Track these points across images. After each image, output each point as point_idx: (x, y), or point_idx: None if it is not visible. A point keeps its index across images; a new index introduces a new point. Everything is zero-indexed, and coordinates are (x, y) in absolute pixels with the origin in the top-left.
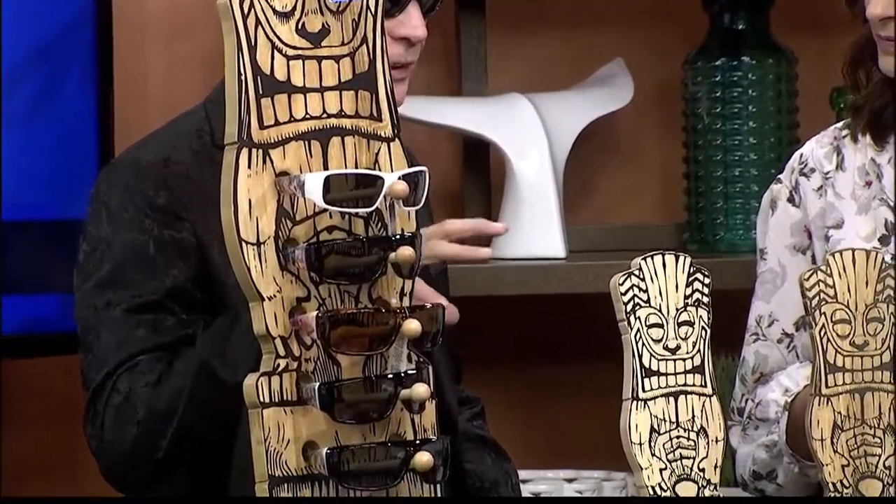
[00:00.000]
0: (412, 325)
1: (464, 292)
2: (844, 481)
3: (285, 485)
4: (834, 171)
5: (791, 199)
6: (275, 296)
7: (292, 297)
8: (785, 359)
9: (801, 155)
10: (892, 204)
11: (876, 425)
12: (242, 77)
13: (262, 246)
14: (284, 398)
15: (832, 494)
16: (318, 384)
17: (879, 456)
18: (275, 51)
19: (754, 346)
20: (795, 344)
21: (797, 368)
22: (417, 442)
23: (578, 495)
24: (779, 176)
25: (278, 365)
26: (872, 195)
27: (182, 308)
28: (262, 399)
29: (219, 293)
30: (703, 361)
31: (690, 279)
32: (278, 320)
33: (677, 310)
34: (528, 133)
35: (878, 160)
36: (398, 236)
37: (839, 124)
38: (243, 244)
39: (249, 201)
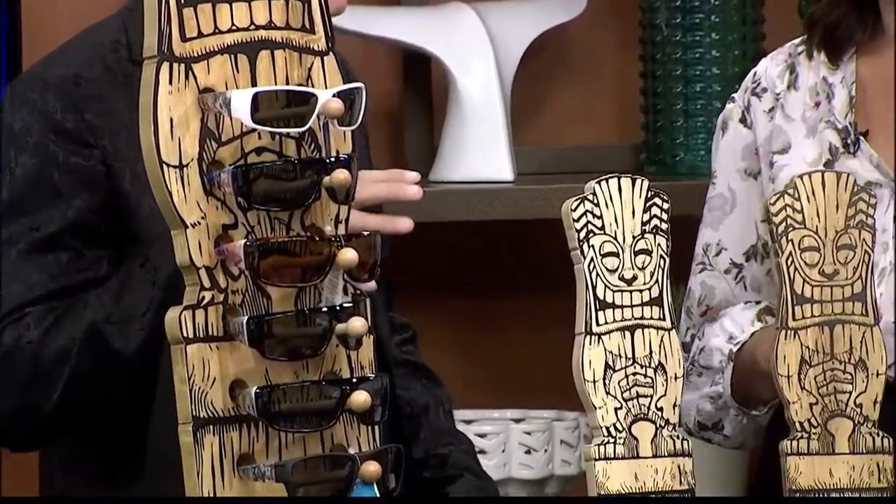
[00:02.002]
0: (348, 255)
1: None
2: (812, 420)
3: (211, 427)
4: (786, 90)
5: (743, 120)
6: (199, 223)
7: (218, 225)
8: (733, 291)
9: (755, 73)
10: (839, 126)
11: (846, 360)
12: None
13: (184, 169)
14: (210, 333)
15: (798, 434)
16: (246, 318)
17: (850, 393)
18: None
19: (700, 276)
20: (744, 275)
21: (742, 310)
22: (354, 380)
23: (526, 436)
24: (733, 95)
25: (203, 297)
26: (820, 117)
27: (85, 244)
28: (185, 334)
29: (128, 226)
30: (661, 293)
31: (648, 204)
32: (203, 249)
33: (634, 237)
34: (473, 46)
35: (831, 79)
36: (333, 158)
37: (797, 40)
38: (164, 167)
39: (171, 120)
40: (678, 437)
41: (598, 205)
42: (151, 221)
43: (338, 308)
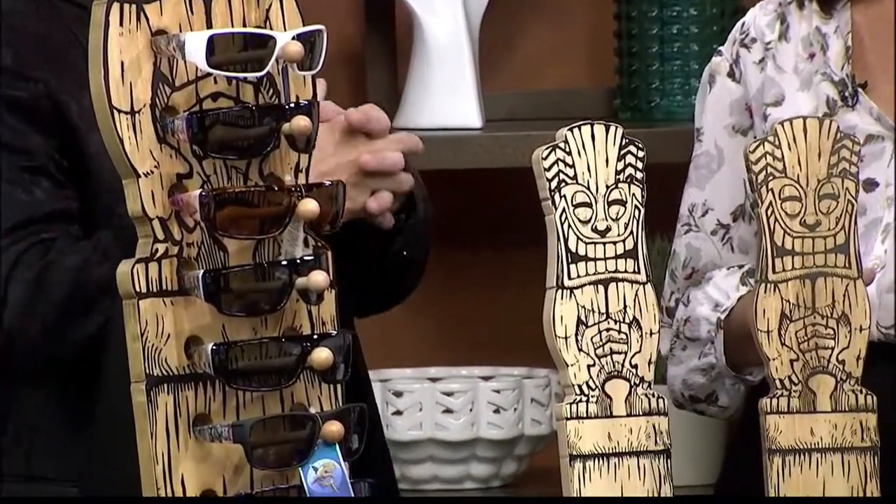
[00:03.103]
0: (309, 206)
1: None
2: (793, 377)
3: (165, 385)
4: (776, 41)
5: (731, 74)
6: (152, 172)
7: (172, 174)
8: (719, 253)
9: (743, 24)
10: (835, 78)
11: (828, 314)
12: None
13: (136, 115)
14: (164, 287)
15: (778, 392)
16: (202, 272)
17: (832, 349)
18: None
19: (686, 237)
20: (731, 236)
21: (725, 276)
22: (315, 337)
23: (495, 394)
24: (720, 48)
25: (156, 250)
26: (815, 69)
27: (59, 174)
28: (137, 288)
29: (83, 164)
30: (636, 245)
31: (622, 152)
32: (156, 199)
33: (607, 187)
34: None
35: (824, 29)
36: (293, 105)
37: None
38: (115, 113)
39: (122, 64)
40: (653, 396)
41: (570, 153)
42: (101, 158)
43: (298, 261)
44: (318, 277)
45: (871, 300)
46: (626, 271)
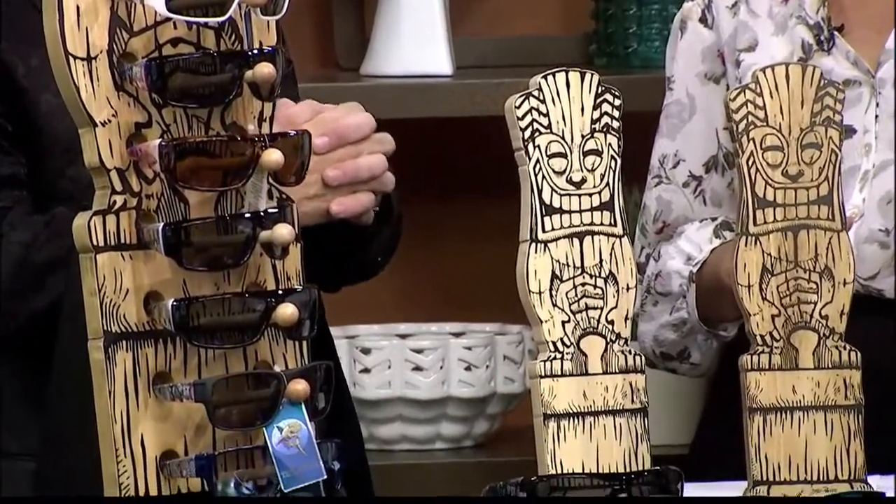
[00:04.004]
0: (273, 156)
1: None
2: (774, 333)
3: (123, 342)
4: None
5: (703, 20)
6: (109, 121)
7: (130, 123)
8: (691, 206)
9: None
10: (810, 22)
11: (811, 268)
12: None
13: (92, 61)
14: (122, 241)
15: (759, 348)
16: (161, 225)
17: (815, 304)
18: None
19: (656, 190)
20: (704, 189)
21: (698, 229)
22: (280, 292)
23: (467, 351)
24: None
25: (114, 202)
26: (790, 13)
27: (5, 139)
28: (95, 242)
29: (32, 127)
30: (612, 197)
31: (598, 100)
32: (114, 149)
33: (583, 137)
34: None
35: None
36: (256, 51)
37: None
38: (70, 59)
39: (77, 8)
40: (630, 352)
41: (544, 101)
42: (52, 119)
43: (262, 214)
44: (283, 231)
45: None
46: (602, 224)
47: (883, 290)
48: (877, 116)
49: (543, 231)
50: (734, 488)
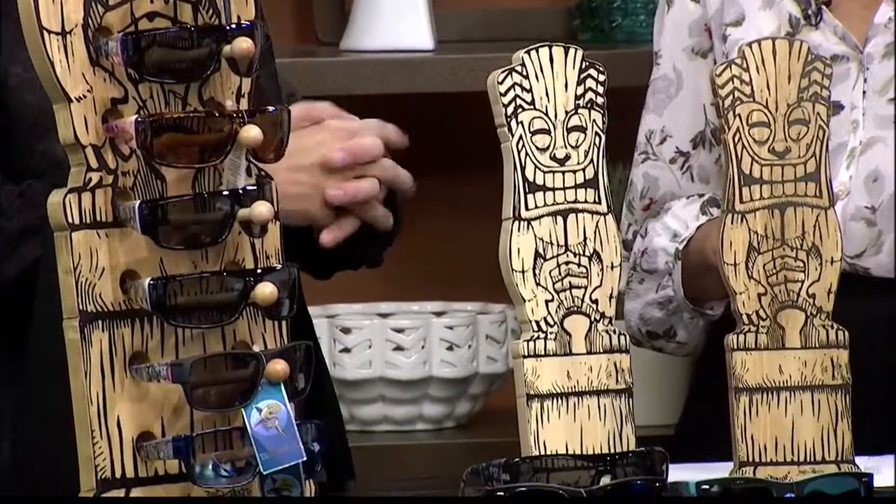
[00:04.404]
0: (251, 133)
1: (313, 91)
2: (761, 312)
3: (99, 322)
4: None
5: None
6: (84, 96)
7: (106, 98)
8: (678, 182)
9: None
10: None
11: (798, 246)
12: None
13: (68, 36)
14: (98, 219)
15: (745, 327)
16: (138, 202)
17: (802, 282)
18: None
19: (643, 166)
20: (691, 165)
21: (684, 206)
22: (259, 271)
23: (448, 331)
24: None
25: (90, 179)
26: None
27: None
28: (70, 220)
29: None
30: (596, 174)
31: (582, 76)
32: (89, 126)
33: (567, 113)
34: None
35: None
36: (234, 25)
37: None
38: (45, 33)
39: None
40: (614, 332)
41: (527, 76)
42: (22, 92)
43: (240, 191)
44: (262, 209)
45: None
46: (586, 201)
47: (869, 269)
48: (864, 92)
49: (527, 209)
50: (720, 469)
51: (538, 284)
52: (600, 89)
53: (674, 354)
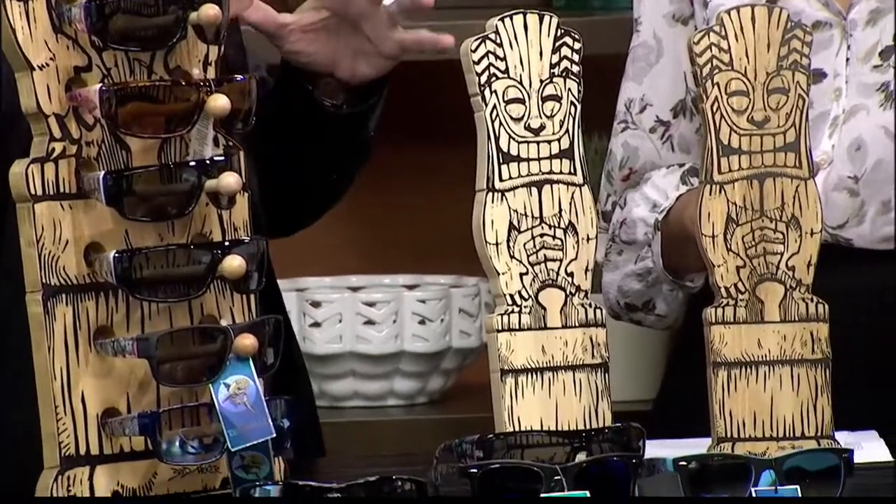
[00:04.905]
0: (219, 102)
1: (277, 59)
2: (739, 285)
3: (63, 296)
4: None
5: None
6: (47, 64)
7: (69, 67)
8: (658, 152)
9: None
10: None
11: (777, 217)
12: None
13: (30, 2)
14: (61, 190)
15: (724, 301)
16: (102, 173)
17: (781, 255)
18: None
19: (622, 136)
20: (672, 134)
21: (664, 175)
22: (226, 243)
23: (421, 304)
24: None
25: (53, 149)
26: None
27: None
28: (32, 191)
29: None
30: (571, 144)
31: (557, 44)
32: (52, 94)
33: (541, 82)
34: None
35: None
36: None
37: None
38: (6, 0)
39: None
40: (590, 306)
41: (501, 45)
42: None
43: (208, 162)
44: (230, 179)
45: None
46: (561, 172)
47: (851, 240)
48: (847, 59)
49: (500, 180)
50: (698, 446)
51: (512, 257)
52: (576, 57)
53: (653, 327)
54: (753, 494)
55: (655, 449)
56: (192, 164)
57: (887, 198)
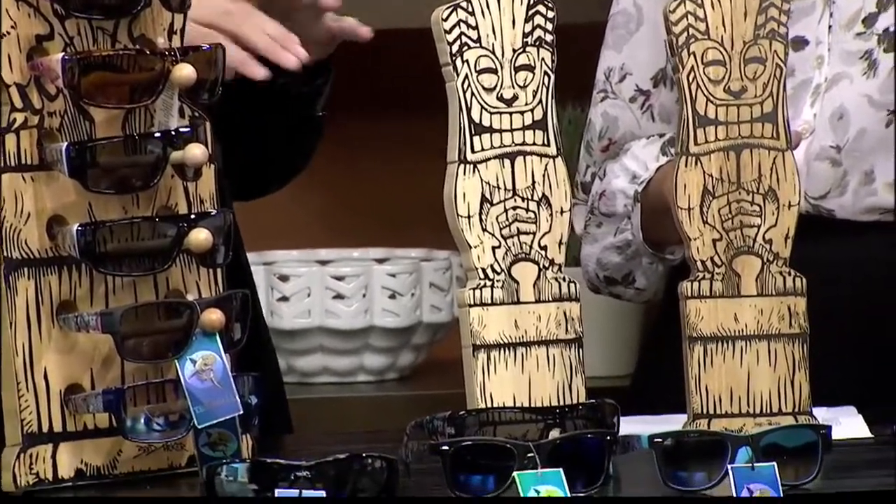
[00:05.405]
0: (184, 71)
1: None
2: (716, 259)
3: (25, 270)
4: None
5: None
6: (8, 33)
7: (31, 35)
8: (638, 122)
9: None
10: None
11: (754, 189)
12: None
13: None
14: (23, 161)
15: (700, 274)
16: (65, 144)
17: (758, 227)
18: None
19: (602, 105)
20: (652, 104)
21: (644, 146)
22: (192, 216)
23: (391, 278)
24: None
25: (14, 120)
26: None
27: None
28: None
29: None
30: (545, 115)
31: (531, 12)
32: (13, 64)
33: (514, 51)
34: None
35: None
36: None
37: None
38: None
39: None
40: (564, 280)
41: (472, 13)
42: None
43: (173, 133)
44: (196, 151)
45: (798, 168)
46: (534, 144)
47: (833, 210)
48: (830, 27)
49: (472, 151)
50: (674, 422)
51: (485, 230)
52: (549, 26)
53: (632, 300)
54: (730, 471)
55: (631, 425)
56: (157, 135)
57: (870, 168)
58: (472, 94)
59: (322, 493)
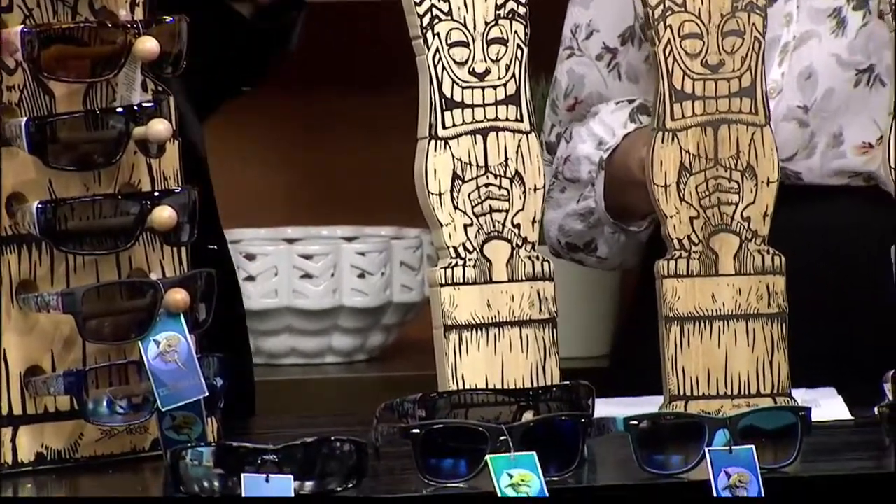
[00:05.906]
0: (147, 44)
1: None
2: (693, 237)
3: None
4: None
5: None
6: None
7: None
8: (605, 81)
9: None
10: None
11: (732, 166)
12: None
13: None
14: None
15: (676, 253)
16: (24, 119)
17: (736, 205)
18: None
19: (568, 63)
20: (619, 62)
21: (612, 111)
22: (156, 194)
23: (360, 257)
24: None
25: None
26: None
27: None
28: None
29: None
30: (518, 89)
31: None
32: None
33: (486, 24)
34: None
35: None
36: None
37: None
38: None
39: None
40: (538, 258)
41: None
42: None
43: (136, 108)
44: (159, 126)
45: None
46: (507, 119)
47: (800, 173)
48: None
49: (444, 127)
50: (651, 404)
51: (456, 208)
52: None
53: (595, 268)
54: (707, 455)
55: (606, 407)
56: (120, 110)
57: (838, 130)
58: (444, 68)
59: (290, 478)
